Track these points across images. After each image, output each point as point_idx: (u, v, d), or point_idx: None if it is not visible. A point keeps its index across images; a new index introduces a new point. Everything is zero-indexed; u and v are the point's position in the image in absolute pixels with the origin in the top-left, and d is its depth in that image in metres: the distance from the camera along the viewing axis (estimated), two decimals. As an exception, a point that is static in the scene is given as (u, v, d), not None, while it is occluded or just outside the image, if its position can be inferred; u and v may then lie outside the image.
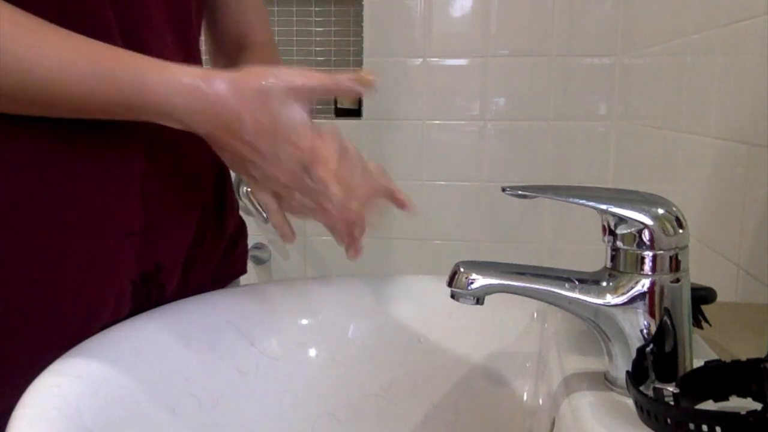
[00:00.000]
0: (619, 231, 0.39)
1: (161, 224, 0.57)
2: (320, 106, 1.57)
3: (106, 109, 0.48)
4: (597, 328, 0.40)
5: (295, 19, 1.73)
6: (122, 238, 0.54)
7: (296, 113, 0.49)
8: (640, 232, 0.38)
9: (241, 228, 0.73)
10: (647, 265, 0.38)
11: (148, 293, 0.57)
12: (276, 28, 1.74)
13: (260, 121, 0.48)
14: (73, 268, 0.51)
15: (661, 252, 0.38)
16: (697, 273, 0.45)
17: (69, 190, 0.51)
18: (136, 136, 0.53)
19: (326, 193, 0.51)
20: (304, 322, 0.59)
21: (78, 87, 0.46)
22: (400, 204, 0.58)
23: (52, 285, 0.51)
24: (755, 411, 0.30)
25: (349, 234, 0.55)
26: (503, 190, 0.41)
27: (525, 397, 0.55)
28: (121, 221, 0.54)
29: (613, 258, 0.40)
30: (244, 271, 0.74)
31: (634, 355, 0.39)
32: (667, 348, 0.39)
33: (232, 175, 0.64)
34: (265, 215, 1.45)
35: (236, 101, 0.47)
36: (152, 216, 0.56)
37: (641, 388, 0.36)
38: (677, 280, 0.39)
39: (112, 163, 0.53)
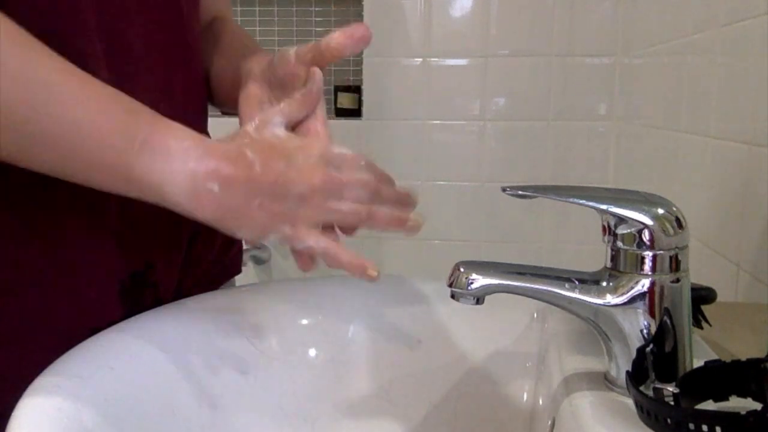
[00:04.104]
0: (619, 231, 0.39)
1: (148, 223, 0.56)
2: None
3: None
4: (597, 328, 0.40)
5: (295, 19, 1.73)
6: (108, 237, 0.53)
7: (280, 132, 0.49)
8: (640, 232, 0.38)
9: None
10: (647, 265, 0.38)
11: (141, 294, 0.56)
12: (276, 28, 1.74)
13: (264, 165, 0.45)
14: (58, 269, 0.51)
15: (661, 252, 0.38)
16: (697, 273, 0.45)
17: (50, 190, 0.50)
18: None
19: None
20: (304, 322, 0.59)
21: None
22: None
23: (40, 287, 0.50)
24: (755, 411, 0.30)
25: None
26: (503, 190, 0.41)
27: (525, 397, 0.55)
28: (106, 220, 0.53)
29: (613, 258, 0.40)
30: (238, 271, 0.73)
31: (634, 355, 0.39)
32: (667, 348, 0.39)
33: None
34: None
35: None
36: (138, 215, 0.55)
37: (641, 388, 0.36)
38: (677, 280, 0.39)
39: None
